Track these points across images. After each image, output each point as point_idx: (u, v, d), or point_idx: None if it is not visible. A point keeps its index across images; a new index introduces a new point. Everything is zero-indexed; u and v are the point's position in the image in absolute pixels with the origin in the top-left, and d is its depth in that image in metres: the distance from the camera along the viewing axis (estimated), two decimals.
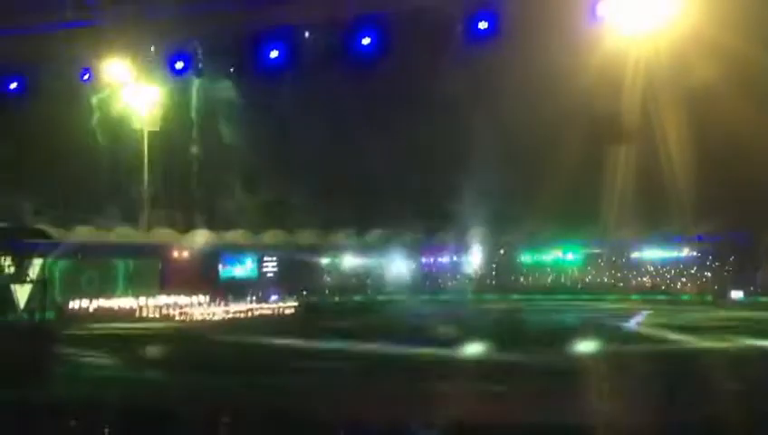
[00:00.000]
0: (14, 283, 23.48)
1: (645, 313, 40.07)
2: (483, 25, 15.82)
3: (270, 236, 59.70)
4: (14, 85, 18.72)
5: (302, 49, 17.92)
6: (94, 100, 23.51)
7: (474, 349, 22.95)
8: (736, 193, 45.60)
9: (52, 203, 46.54)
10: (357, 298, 57.44)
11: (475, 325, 32.12)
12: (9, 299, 22.68)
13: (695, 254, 55.15)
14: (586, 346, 23.92)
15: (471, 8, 15.78)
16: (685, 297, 52.79)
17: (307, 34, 17.69)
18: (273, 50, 17.45)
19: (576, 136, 49.68)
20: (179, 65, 17.71)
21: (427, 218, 58.50)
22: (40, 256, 35.93)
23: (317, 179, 56.64)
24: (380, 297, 57.39)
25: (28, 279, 25.26)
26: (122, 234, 55.79)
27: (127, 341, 21.56)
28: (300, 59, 18.10)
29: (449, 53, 17.75)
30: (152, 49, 17.96)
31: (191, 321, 40.23)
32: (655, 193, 46.84)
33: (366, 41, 16.62)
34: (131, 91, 20.96)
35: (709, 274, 54.11)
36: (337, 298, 56.77)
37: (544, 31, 16.38)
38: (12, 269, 24.31)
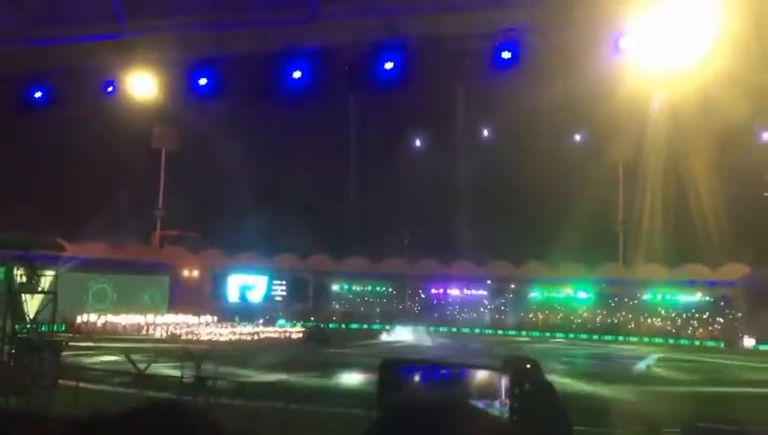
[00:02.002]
0: (25, 292, 23.38)
1: (654, 356, 39.47)
2: (506, 55, 15.79)
3: (281, 260, 59.85)
4: (38, 94, 18.78)
5: (325, 72, 17.98)
6: (116, 114, 23.76)
7: None
8: (755, 238, 45.38)
9: (67, 215, 46.92)
10: (364, 326, 57.18)
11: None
12: (19, 309, 22.56)
13: (707, 298, 54.64)
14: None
15: (495, 38, 15.78)
16: (696, 342, 52.17)
17: (331, 57, 17.77)
18: (296, 71, 17.49)
19: (594, 171, 49.88)
20: (203, 82, 17.77)
21: (439, 249, 58.51)
22: (53, 267, 35.82)
23: (327, 204, 57.00)
24: (388, 326, 57.09)
25: (39, 289, 25.13)
26: (134, 251, 56.12)
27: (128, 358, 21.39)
28: (323, 81, 18.15)
29: (471, 81, 17.82)
30: (177, 65, 18.02)
31: (197, 341, 40.01)
32: (671, 234, 46.68)
33: (389, 65, 16.62)
34: (153, 107, 21.13)
35: (721, 319, 53.50)
36: (344, 325, 56.48)
37: (566, 62, 16.38)
38: (24, 278, 24.16)
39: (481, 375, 3.19)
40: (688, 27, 13.67)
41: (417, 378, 3.21)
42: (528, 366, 3.29)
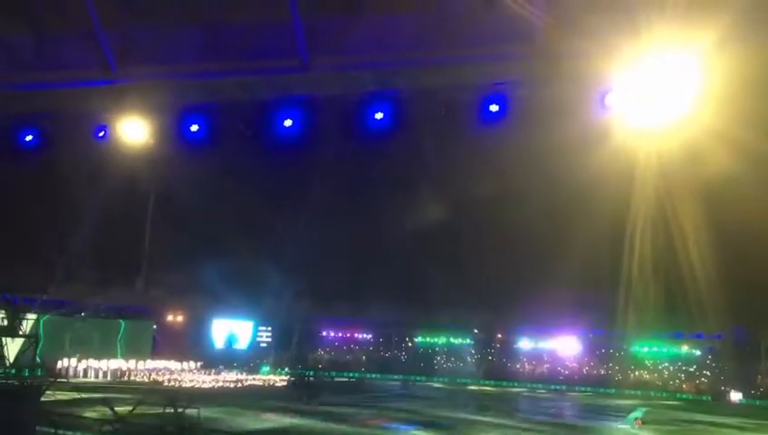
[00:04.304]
0: (6, 336, 23.08)
1: (641, 410, 39.08)
2: (494, 108, 16.06)
3: (266, 305, 59.37)
4: (29, 138, 18.87)
5: (315, 120, 18.18)
6: (106, 158, 23.84)
7: None
8: (740, 291, 45.62)
9: (54, 258, 46.49)
10: (351, 375, 56.57)
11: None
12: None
13: (694, 351, 54.56)
14: None
15: (483, 91, 16.08)
16: (683, 396, 51.85)
17: (320, 105, 18.00)
18: (287, 119, 17.70)
19: (582, 224, 50.26)
20: (194, 128, 17.92)
21: (427, 299, 58.35)
22: (35, 311, 35.44)
23: (316, 251, 56.88)
24: (373, 376, 56.51)
25: (20, 333, 24.82)
26: (118, 294, 55.47)
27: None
28: (313, 130, 18.35)
29: (459, 133, 18.09)
30: (169, 111, 18.20)
31: (179, 388, 39.36)
32: (659, 287, 46.85)
33: (378, 115, 16.86)
34: (144, 152, 21.24)
35: (708, 372, 53.35)
36: (331, 374, 55.79)
37: (553, 116, 16.68)
38: (5, 322, 23.88)
39: None
40: (673, 85, 13.99)
41: None
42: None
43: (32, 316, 29.17)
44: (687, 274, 44.62)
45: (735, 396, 49.18)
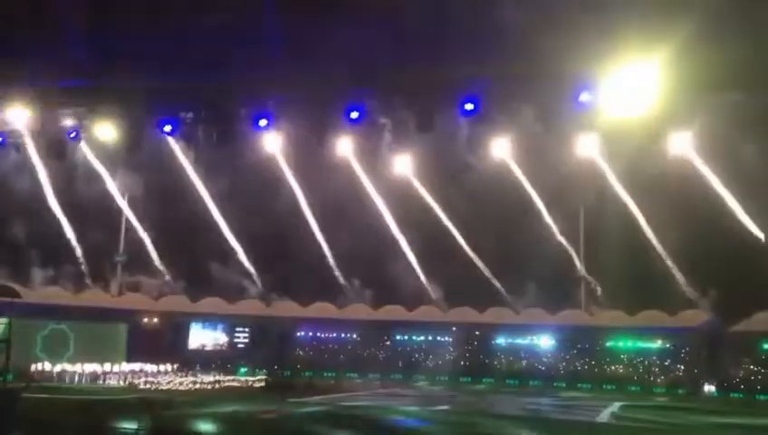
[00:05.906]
0: None
1: (617, 404, 39.35)
2: (469, 106, 16.20)
3: (244, 306, 58.93)
4: None
5: (291, 120, 18.20)
6: (80, 157, 23.60)
7: None
8: (712, 283, 46.29)
9: (23, 259, 45.91)
10: (329, 374, 56.33)
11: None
12: None
13: (668, 345, 55.10)
14: None
15: (458, 90, 16.21)
16: (657, 389, 52.40)
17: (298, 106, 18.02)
18: (261, 118, 17.69)
19: (555, 218, 50.81)
20: (167, 129, 17.80)
21: (403, 294, 58.36)
22: (6, 314, 34.76)
23: (291, 249, 56.82)
24: (352, 375, 56.37)
25: None
26: (92, 297, 54.78)
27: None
28: (289, 129, 18.38)
29: (435, 130, 18.20)
30: (142, 113, 18.09)
31: (156, 391, 39.01)
32: (632, 280, 47.37)
33: (354, 115, 16.91)
34: (116, 152, 21.09)
35: (682, 366, 53.92)
36: (308, 374, 55.50)
37: (528, 114, 16.90)
38: None
39: None
40: (645, 82, 14.24)
41: None
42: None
43: (2, 320, 28.62)
44: (660, 266, 45.15)
45: (709, 389, 49.88)
